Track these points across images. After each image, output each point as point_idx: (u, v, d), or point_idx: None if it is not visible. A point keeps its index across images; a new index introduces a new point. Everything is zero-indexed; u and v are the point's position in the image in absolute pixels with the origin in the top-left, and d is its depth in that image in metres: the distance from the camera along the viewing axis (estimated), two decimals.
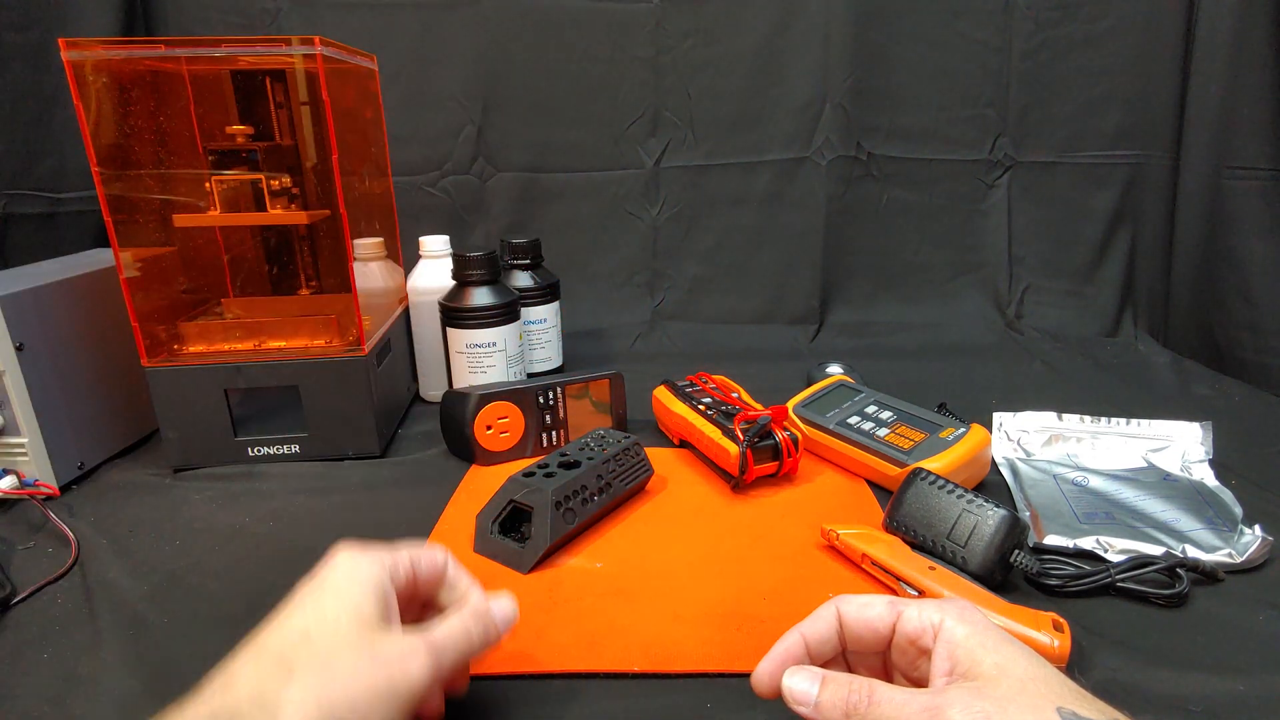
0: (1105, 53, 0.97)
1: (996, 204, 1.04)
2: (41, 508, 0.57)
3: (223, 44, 0.60)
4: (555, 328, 0.83)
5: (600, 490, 0.54)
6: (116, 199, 0.60)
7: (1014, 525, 0.47)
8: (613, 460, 0.56)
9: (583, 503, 0.53)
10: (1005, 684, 0.28)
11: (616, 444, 0.58)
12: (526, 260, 0.81)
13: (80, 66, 0.57)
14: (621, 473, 0.56)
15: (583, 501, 0.53)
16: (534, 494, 0.51)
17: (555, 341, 0.83)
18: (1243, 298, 0.86)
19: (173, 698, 0.39)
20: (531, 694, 0.39)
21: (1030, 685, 0.28)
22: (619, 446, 0.57)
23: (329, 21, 0.94)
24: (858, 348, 0.98)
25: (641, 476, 0.58)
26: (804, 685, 0.32)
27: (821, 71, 0.98)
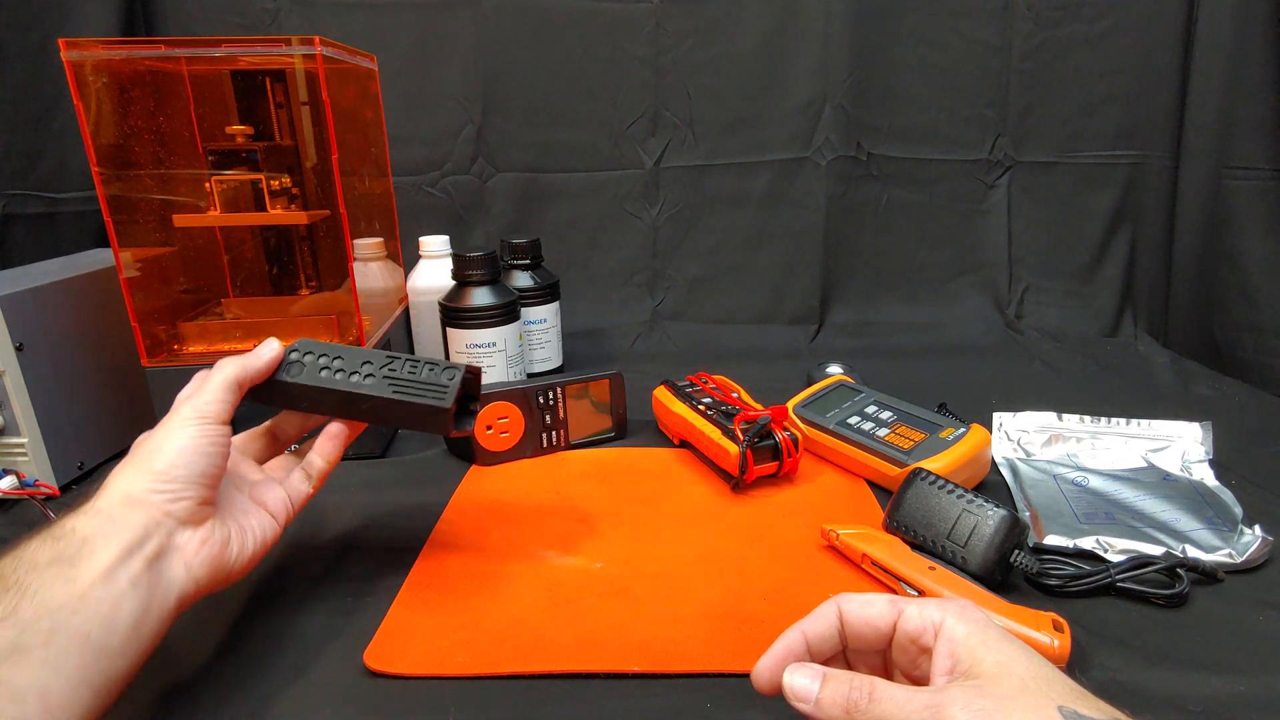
0: (1105, 53, 0.97)
1: (996, 204, 1.04)
2: (41, 508, 0.57)
3: (223, 44, 0.61)
4: (555, 328, 0.83)
5: (354, 374, 0.45)
6: (116, 199, 0.60)
7: (1014, 525, 0.47)
8: (403, 361, 0.46)
9: (321, 369, 0.45)
10: (1006, 683, 0.29)
11: (431, 365, 0.47)
12: (526, 260, 0.81)
13: (80, 66, 0.57)
14: (400, 379, 0.46)
15: (322, 368, 0.45)
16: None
17: (555, 341, 0.83)
18: (1243, 298, 0.86)
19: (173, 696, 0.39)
20: (531, 694, 0.39)
21: (1031, 684, 0.28)
22: (431, 362, 0.47)
23: (329, 21, 0.94)
24: (858, 348, 0.98)
25: (427, 399, 0.45)
26: (805, 682, 0.32)
27: (821, 71, 0.98)
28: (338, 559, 0.52)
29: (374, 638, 0.43)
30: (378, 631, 0.43)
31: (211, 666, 0.42)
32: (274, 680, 0.40)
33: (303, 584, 0.49)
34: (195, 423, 0.40)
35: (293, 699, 0.39)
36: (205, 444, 0.40)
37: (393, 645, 0.42)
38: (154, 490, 0.38)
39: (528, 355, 0.81)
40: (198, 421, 0.40)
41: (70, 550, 0.34)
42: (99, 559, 0.34)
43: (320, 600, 0.47)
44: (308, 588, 0.49)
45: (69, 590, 0.33)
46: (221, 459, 0.41)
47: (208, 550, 0.39)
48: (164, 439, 0.40)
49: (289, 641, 0.43)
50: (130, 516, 0.37)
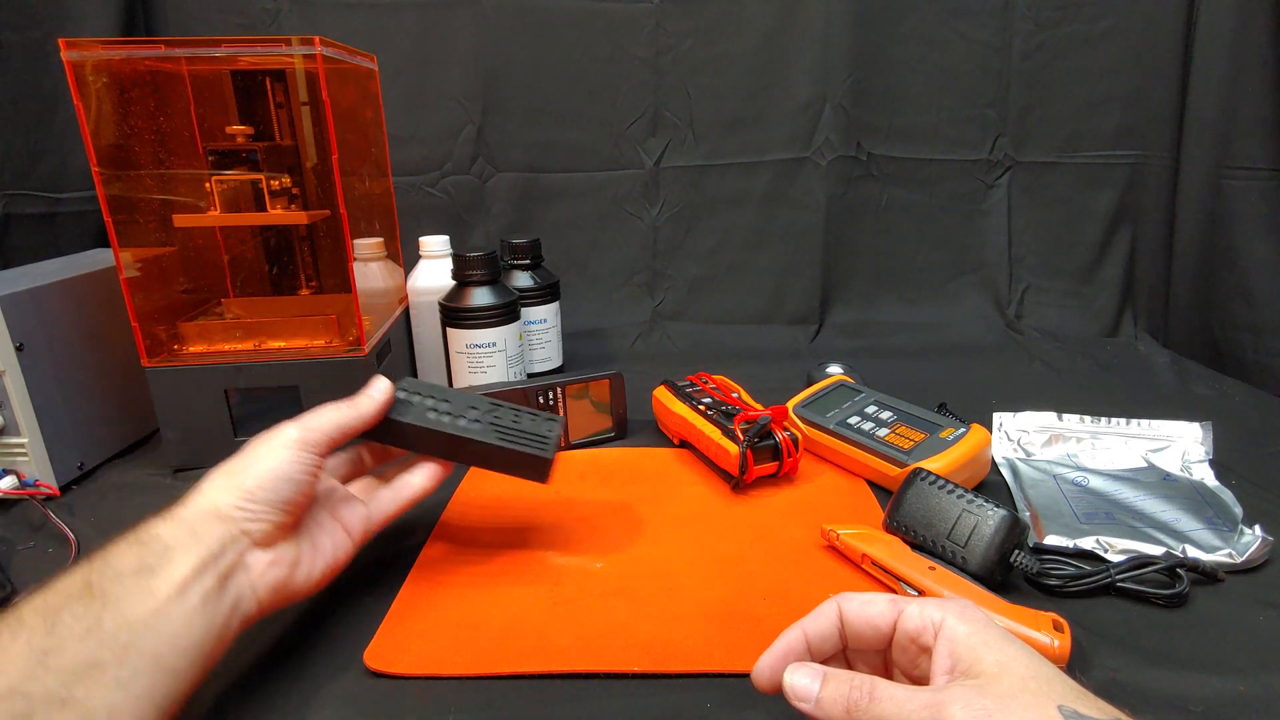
0: (1105, 53, 0.97)
1: (996, 204, 1.04)
2: (41, 508, 0.57)
3: (223, 44, 0.61)
4: (555, 328, 0.83)
5: (460, 417, 0.47)
6: (116, 199, 0.60)
7: (1014, 525, 0.47)
8: (507, 409, 0.50)
9: (429, 410, 0.47)
10: (1006, 682, 0.29)
11: (533, 413, 0.51)
12: (526, 260, 0.81)
13: (80, 66, 0.57)
14: (505, 427, 0.48)
15: (430, 410, 0.47)
16: (405, 379, 0.49)
17: (555, 341, 0.83)
18: (1243, 298, 0.86)
19: None
20: (531, 694, 0.39)
21: (1031, 683, 0.28)
22: (531, 413, 0.51)
23: (329, 21, 0.94)
24: (858, 348, 0.98)
25: (530, 448, 0.48)
26: (805, 681, 0.32)
27: (821, 71, 0.98)
28: None
29: (374, 638, 0.43)
30: (378, 631, 0.43)
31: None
32: (274, 680, 0.40)
33: None
34: (295, 448, 0.41)
35: (293, 699, 0.39)
36: (297, 471, 0.40)
37: (393, 645, 0.42)
38: (237, 507, 0.38)
39: (528, 355, 0.81)
40: (298, 447, 0.41)
41: (152, 559, 0.35)
42: (176, 571, 0.35)
43: (320, 600, 0.47)
44: None
45: (147, 604, 0.33)
46: (309, 489, 0.41)
47: (275, 572, 0.39)
48: (261, 457, 0.40)
49: (289, 641, 0.43)
50: (211, 530, 0.37)
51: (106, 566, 0.34)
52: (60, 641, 0.30)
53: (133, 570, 0.34)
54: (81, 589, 0.32)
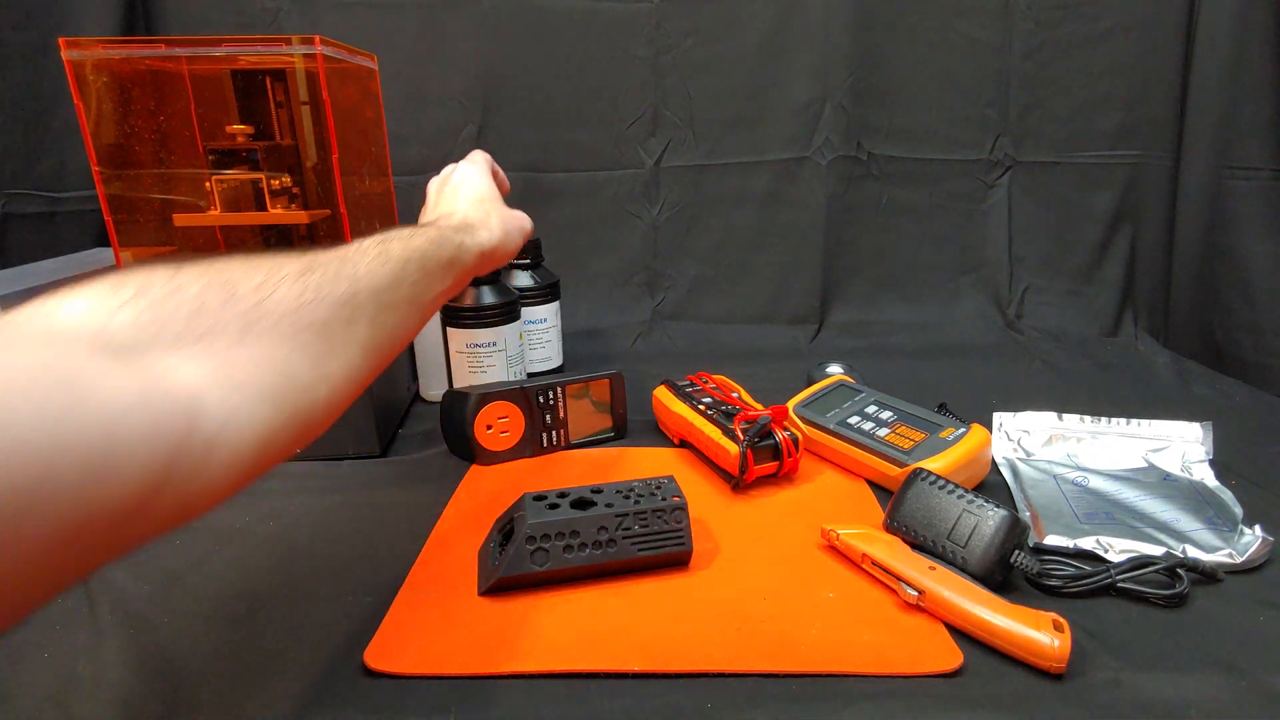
0: (1105, 53, 0.97)
1: (996, 204, 1.04)
2: None
3: (223, 43, 0.61)
4: (555, 328, 0.83)
5: (597, 544, 0.47)
6: (116, 199, 0.60)
7: (1014, 525, 0.47)
8: (633, 517, 0.48)
9: (565, 549, 0.47)
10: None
11: (654, 500, 0.49)
12: (527, 260, 0.81)
13: (80, 66, 0.57)
14: (639, 535, 0.48)
15: (565, 548, 0.47)
16: (520, 520, 0.47)
17: (555, 341, 0.83)
18: (1243, 298, 0.86)
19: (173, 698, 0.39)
20: (531, 694, 0.39)
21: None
22: (653, 504, 0.49)
23: (329, 21, 0.94)
24: (858, 348, 0.98)
25: (669, 548, 0.48)
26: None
27: (821, 71, 0.98)
28: (338, 559, 0.52)
29: (374, 638, 0.43)
30: (378, 631, 0.43)
31: (212, 667, 0.42)
32: (274, 680, 0.40)
33: (303, 584, 0.49)
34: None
35: (293, 699, 0.39)
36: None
37: (393, 645, 0.42)
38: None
39: (528, 355, 0.81)
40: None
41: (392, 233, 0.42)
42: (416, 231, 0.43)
43: (320, 600, 0.47)
44: (308, 587, 0.49)
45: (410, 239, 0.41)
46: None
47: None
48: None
49: (289, 641, 0.43)
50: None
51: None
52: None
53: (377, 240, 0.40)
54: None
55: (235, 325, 0.30)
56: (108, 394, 0.24)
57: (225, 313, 0.30)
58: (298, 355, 0.32)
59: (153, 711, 0.39)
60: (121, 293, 0.28)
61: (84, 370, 0.24)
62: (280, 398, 0.31)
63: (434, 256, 0.43)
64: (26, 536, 0.21)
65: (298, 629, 0.45)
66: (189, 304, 0.29)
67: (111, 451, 0.23)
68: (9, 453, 0.20)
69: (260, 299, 0.31)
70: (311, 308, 0.33)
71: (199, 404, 0.27)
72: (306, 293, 0.33)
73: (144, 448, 0.24)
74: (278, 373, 0.31)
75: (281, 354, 0.31)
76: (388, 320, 0.38)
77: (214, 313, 0.29)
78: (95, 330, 0.26)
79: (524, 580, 0.47)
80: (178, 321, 0.28)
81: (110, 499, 0.23)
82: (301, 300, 0.32)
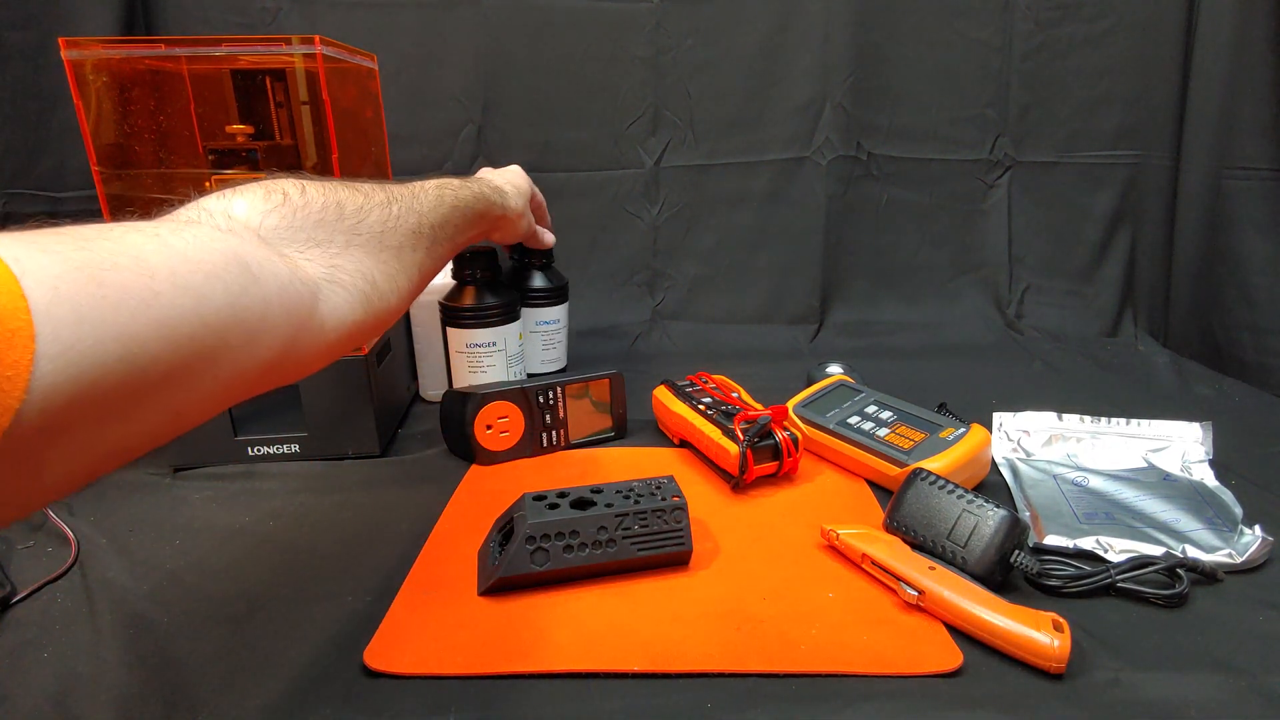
0: (1105, 53, 0.97)
1: (996, 204, 1.04)
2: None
3: (223, 43, 0.60)
4: (564, 328, 0.83)
5: (596, 544, 0.47)
6: (116, 198, 0.60)
7: (1014, 525, 0.47)
8: (633, 516, 0.48)
9: (565, 549, 0.47)
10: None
11: (654, 500, 0.49)
12: (542, 260, 0.80)
13: (80, 66, 0.57)
14: (639, 535, 0.48)
15: (565, 548, 0.47)
16: (520, 520, 0.47)
17: (564, 342, 0.83)
18: (1243, 298, 0.86)
19: (173, 698, 0.39)
20: (531, 694, 0.39)
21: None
22: (653, 504, 0.49)
23: (329, 21, 0.94)
24: (858, 348, 0.98)
25: (669, 548, 0.49)
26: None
27: (821, 71, 0.98)
28: (337, 558, 0.52)
29: (374, 638, 0.43)
30: (378, 631, 0.43)
31: (212, 667, 0.42)
32: (274, 680, 0.40)
33: (303, 584, 0.49)
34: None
35: (293, 699, 0.39)
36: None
37: (393, 645, 0.42)
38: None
39: (539, 355, 0.81)
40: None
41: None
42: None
43: (320, 600, 0.47)
44: (308, 587, 0.49)
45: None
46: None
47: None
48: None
49: (289, 641, 0.43)
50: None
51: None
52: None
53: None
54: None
55: (342, 237, 0.39)
56: (267, 277, 0.32)
57: (337, 227, 0.39)
58: (380, 268, 0.40)
59: (153, 711, 0.39)
60: (272, 198, 0.36)
61: (254, 256, 0.32)
62: (367, 297, 0.39)
63: (473, 208, 0.52)
64: (197, 388, 0.28)
65: (298, 629, 0.45)
66: (315, 215, 0.38)
67: (266, 318, 0.31)
68: (200, 324, 0.27)
69: (359, 220, 0.40)
70: (392, 233, 0.42)
71: (319, 292, 0.36)
72: (389, 220, 0.42)
73: (284, 322, 0.32)
74: (366, 279, 0.39)
75: (369, 264, 0.40)
76: (436, 251, 0.47)
77: (330, 225, 0.38)
78: (255, 226, 0.35)
79: (524, 580, 0.47)
80: (307, 229, 0.37)
81: (258, 359, 0.31)
82: (385, 226, 0.41)
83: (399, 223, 0.42)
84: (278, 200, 0.36)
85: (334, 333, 0.37)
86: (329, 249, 0.38)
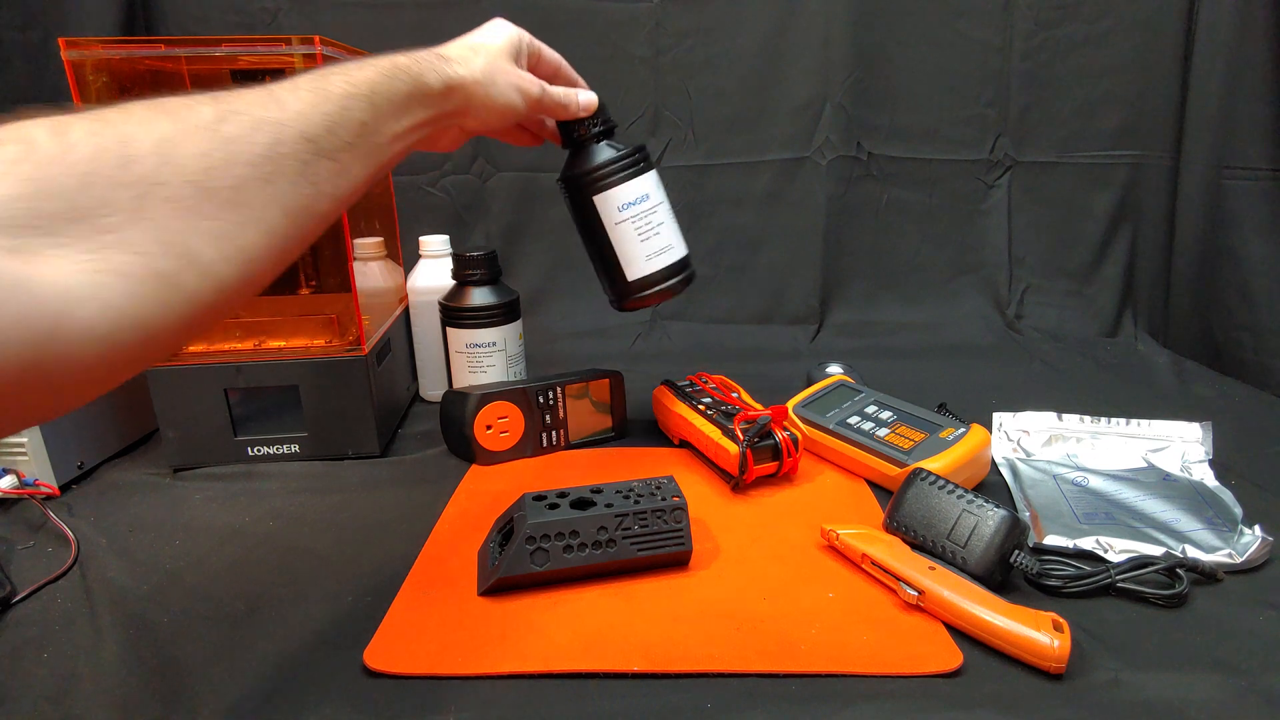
0: (1105, 53, 0.97)
1: (996, 204, 1.04)
2: (41, 507, 0.57)
3: (223, 43, 0.60)
4: (664, 205, 0.62)
5: (596, 544, 0.47)
6: None
7: (1014, 525, 0.47)
8: (633, 517, 0.48)
9: (565, 549, 0.47)
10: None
11: (654, 500, 0.49)
12: (591, 130, 0.63)
13: (80, 66, 0.57)
14: (639, 535, 0.48)
15: (565, 549, 0.47)
16: (520, 520, 0.47)
17: (672, 224, 0.63)
18: (1243, 298, 0.86)
19: (173, 698, 0.39)
20: (531, 694, 0.39)
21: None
22: (653, 504, 0.48)
23: (329, 21, 0.94)
24: (858, 348, 0.98)
25: (669, 548, 0.48)
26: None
27: (821, 71, 0.98)
28: (337, 558, 0.52)
29: (374, 638, 0.43)
30: (378, 631, 0.43)
31: (212, 667, 0.42)
32: (274, 680, 0.40)
33: (303, 584, 0.49)
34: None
35: (293, 699, 0.39)
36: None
37: (393, 645, 0.42)
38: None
39: (639, 252, 0.60)
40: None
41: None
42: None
43: (320, 600, 0.47)
44: (308, 587, 0.49)
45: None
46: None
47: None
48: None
49: (289, 641, 0.43)
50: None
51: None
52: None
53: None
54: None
55: (127, 198, 0.26)
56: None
57: (117, 181, 0.26)
58: (200, 230, 0.28)
59: (153, 711, 0.39)
60: (6, 152, 0.24)
61: None
62: (173, 283, 0.27)
63: (384, 91, 0.37)
64: None
65: (298, 629, 0.45)
66: (79, 170, 0.25)
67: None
68: None
69: (160, 161, 0.27)
70: (224, 167, 0.28)
71: (70, 298, 0.24)
72: (215, 151, 0.28)
73: (13, 342, 0.23)
74: (173, 254, 0.27)
75: (179, 230, 0.27)
76: (323, 173, 0.32)
77: (104, 182, 0.25)
78: None
79: (524, 580, 0.47)
80: (64, 195, 0.25)
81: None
82: (210, 161, 0.28)
83: (234, 150, 0.29)
84: (14, 154, 0.24)
85: (106, 346, 0.25)
86: (102, 219, 0.25)
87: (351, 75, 0.35)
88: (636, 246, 0.58)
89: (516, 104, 0.48)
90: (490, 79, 0.45)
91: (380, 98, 0.36)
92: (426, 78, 0.40)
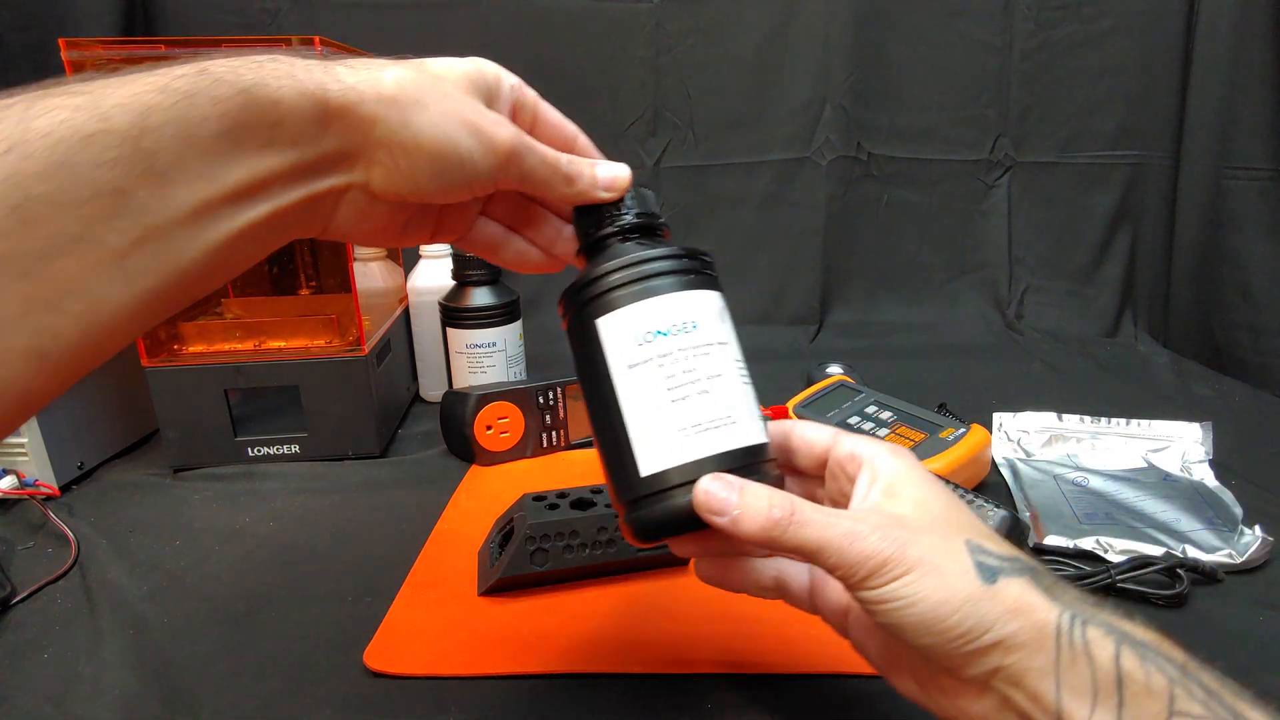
0: (1105, 53, 0.97)
1: (996, 204, 1.04)
2: (41, 508, 0.57)
3: (223, 44, 0.60)
4: None
5: (596, 544, 0.47)
6: None
7: (1014, 526, 0.47)
8: None
9: (565, 549, 0.47)
10: (921, 516, 0.28)
11: None
12: (615, 225, 0.57)
13: (80, 66, 0.57)
14: None
15: (565, 549, 0.47)
16: (520, 520, 0.47)
17: (738, 384, 0.62)
18: (1243, 298, 0.86)
19: (173, 698, 0.39)
20: (532, 694, 0.39)
21: (944, 519, 0.29)
22: None
23: (329, 21, 0.94)
24: (858, 348, 0.98)
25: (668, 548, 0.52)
26: (721, 492, 0.28)
27: (821, 71, 0.98)
28: (338, 559, 0.52)
29: (374, 638, 0.43)
30: (378, 631, 0.43)
31: (212, 667, 0.42)
32: (274, 680, 0.40)
33: (303, 584, 0.49)
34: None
35: (293, 699, 0.39)
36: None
37: (393, 645, 0.42)
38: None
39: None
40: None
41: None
42: None
43: (320, 600, 0.47)
44: (308, 587, 0.49)
45: None
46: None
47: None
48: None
49: (289, 641, 0.43)
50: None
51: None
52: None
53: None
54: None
55: None
56: None
57: None
58: None
59: (153, 711, 0.39)
60: None
61: None
62: None
63: (172, 119, 0.21)
64: None
65: (298, 629, 0.45)
66: None
67: None
68: None
69: None
70: None
71: None
72: None
73: None
74: None
75: None
76: (40, 291, 0.19)
77: None
78: None
79: (524, 580, 0.47)
80: None
81: None
82: None
83: None
84: None
85: None
86: None
87: (107, 93, 0.20)
88: (662, 409, 0.32)
89: (464, 147, 0.29)
90: (414, 98, 0.27)
91: (163, 134, 0.21)
92: (270, 89, 0.23)
